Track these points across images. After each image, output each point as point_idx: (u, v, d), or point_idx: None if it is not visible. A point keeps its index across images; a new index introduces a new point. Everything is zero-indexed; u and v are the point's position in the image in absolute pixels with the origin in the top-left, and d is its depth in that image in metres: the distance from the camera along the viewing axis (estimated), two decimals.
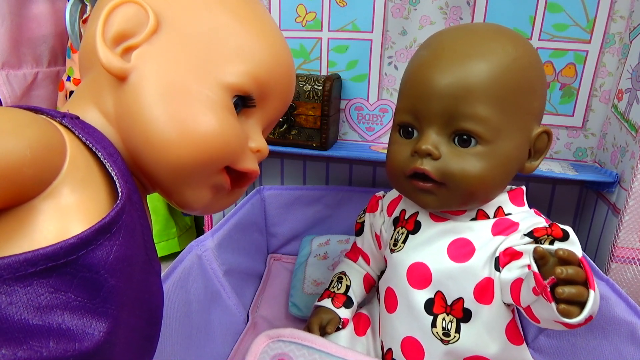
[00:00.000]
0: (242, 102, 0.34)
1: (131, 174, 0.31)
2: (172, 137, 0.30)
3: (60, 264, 0.23)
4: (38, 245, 0.23)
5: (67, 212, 0.25)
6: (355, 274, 0.64)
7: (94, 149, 0.28)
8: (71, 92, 0.87)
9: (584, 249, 0.76)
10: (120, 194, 0.27)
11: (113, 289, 0.26)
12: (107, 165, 0.28)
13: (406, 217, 0.55)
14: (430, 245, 0.51)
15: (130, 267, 0.27)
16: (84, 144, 0.28)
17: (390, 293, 0.54)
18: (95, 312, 0.25)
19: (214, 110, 0.31)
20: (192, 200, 0.34)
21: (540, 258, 0.38)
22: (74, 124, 0.28)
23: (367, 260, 0.64)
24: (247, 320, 0.71)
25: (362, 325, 0.60)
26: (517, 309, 0.49)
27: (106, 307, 0.25)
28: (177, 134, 0.30)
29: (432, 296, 0.50)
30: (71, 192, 0.25)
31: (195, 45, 0.32)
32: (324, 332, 0.57)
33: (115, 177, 0.28)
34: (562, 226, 0.46)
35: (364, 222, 0.64)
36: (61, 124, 0.27)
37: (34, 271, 0.22)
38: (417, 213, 0.54)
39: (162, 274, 0.53)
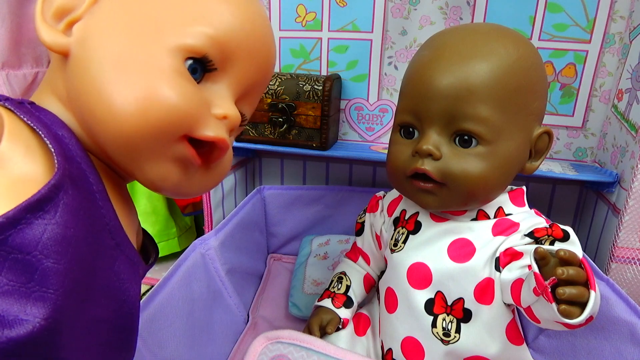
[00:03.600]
0: (202, 67, 0.32)
1: (88, 157, 0.30)
2: (116, 107, 0.28)
3: None
4: None
5: None
6: (356, 274, 0.64)
7: (34, 127, 0.27)
8: None
9: (584, 249, 0.76)
10: (55, 171, 0.26)
11: (49, 271, 0.24)
12: (47, 142, 0.27)
13: (406, 217, 0.55)
14: (430, 246, 0.51)
15: (73, 248, 0.26)
16: (28, 125, 0.27)
17: (390, 293, 0.54)
18: (30, 297, 0.23)
19: (162, 75, 0.29)
20: (155, 176, 0.31)
21: (541, 258, 0.38)
22: (18, 107, 0.27)
23: (367, 260, 0.64)
24: (248, 320, 0.71)
25: (362, 325, 0.60)
26: (518, 309, 0.49)
27: (43, 291, 0.24)
28: (121, 103, 0.28)
29: (433, 296, 0.50)
30: (2, 172, 0.25)
31: (138, 11, 0.31)
32: (324, 332, 0.57)
33: (53, 154, 0.26)
34: (562, 226, 0.46)
35: (364, 222, 0.64)
36: (3, 106, 0.27)
37: None
38: (417, 213, 0.54)
39: (166, 273, 0.53)
